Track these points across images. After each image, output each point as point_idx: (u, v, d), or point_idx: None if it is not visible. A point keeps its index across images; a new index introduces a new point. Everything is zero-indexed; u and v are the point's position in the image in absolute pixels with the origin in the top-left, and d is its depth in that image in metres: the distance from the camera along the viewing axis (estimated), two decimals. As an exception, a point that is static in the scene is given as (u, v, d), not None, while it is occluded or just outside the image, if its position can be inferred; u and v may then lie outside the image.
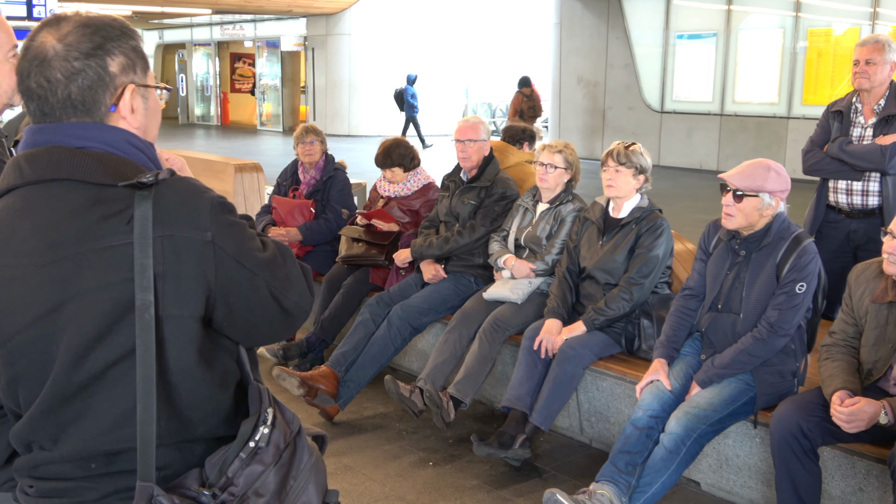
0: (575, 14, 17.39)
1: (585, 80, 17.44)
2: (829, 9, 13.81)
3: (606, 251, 4.02)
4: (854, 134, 4.35)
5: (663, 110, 16.17)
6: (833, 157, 4.34)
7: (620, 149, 3.97)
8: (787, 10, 14.23)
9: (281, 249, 1.55)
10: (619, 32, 16.62)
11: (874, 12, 13.12)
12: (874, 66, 4.22)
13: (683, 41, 15.77)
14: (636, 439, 3.34)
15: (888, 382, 3.05)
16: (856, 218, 4.38)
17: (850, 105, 4.39)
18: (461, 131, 4.73)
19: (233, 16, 27.23)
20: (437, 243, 4.70)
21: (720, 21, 15.15)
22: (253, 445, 1.46)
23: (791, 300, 3.27)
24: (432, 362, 4.33)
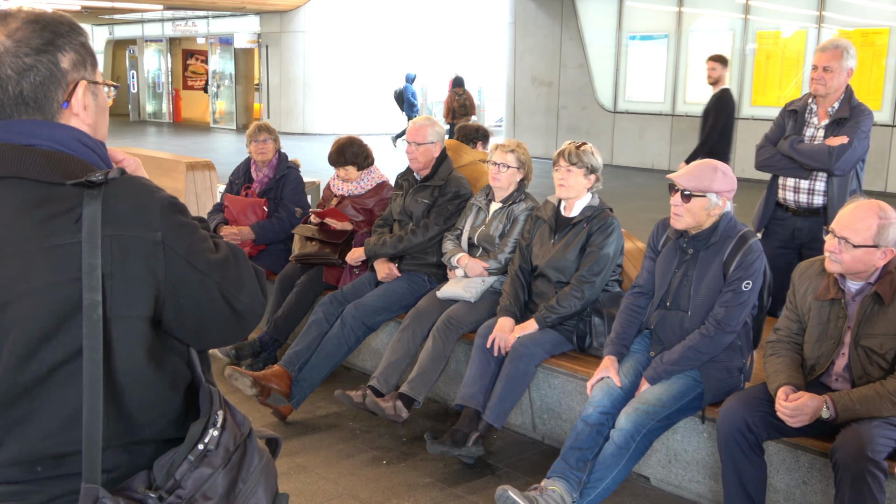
0: (529, 14, 17.49)
1: (539, 79, 17.55)
2: (777, 12, 14.07)
3: (558, 250, 4.06)
4: (807, 134, 4.46)
5: (616, 110, 16.35)
6: (784, 154, 4.44)
7: (572, 149, 4.01)
8: (737, 12, 14.47)
9: (234, 251, 1.54)
10: (573, 33, 16.76)
11: (820, 16, 13.41)
12: (831, 73, 4.33)
13: (636, 42, 15.95)
14: (587, 435, 3.39)
15: (830, 378, 3.13)
16: (801, 216, 4.49)
17: (806, 105, 4.51)
18: (409, 133, 4.75)
19: (185, 12, 26.87)
20: (390, 242, 4.70)
21: (671, 22, 15.36)
22: (202, 448, 1.45)
23: (737, 298, 3.34)
24: (385, 361, 4.33)
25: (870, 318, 2.96)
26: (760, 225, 4.58)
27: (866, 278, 3.00)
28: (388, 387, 4.28)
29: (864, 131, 4.31)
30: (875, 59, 12.93)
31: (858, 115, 4.34)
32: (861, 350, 2.98)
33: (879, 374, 2.96)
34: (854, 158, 4.30)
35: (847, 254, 2.93)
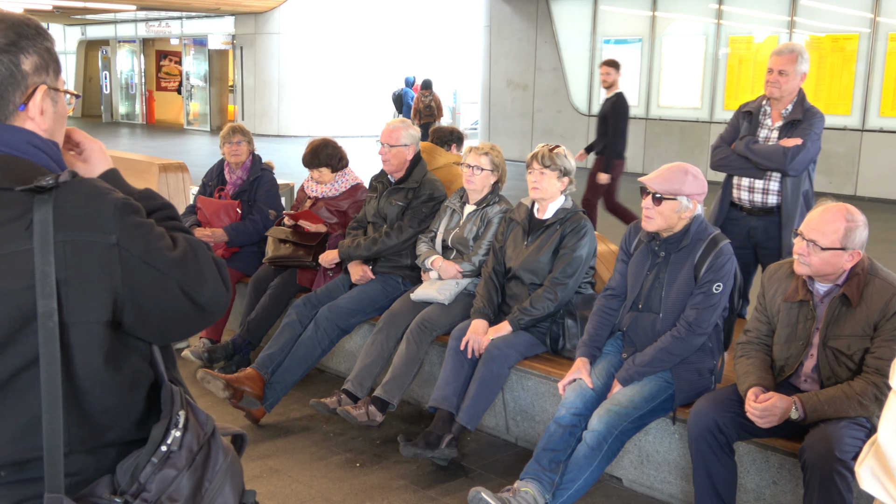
0: (504, 18, 17.54)
1: (515, 83, 17.60)
2: (750, 17, 14.21)
3: (531, 252, 4.08)
4: (761, 135, 4.53)
5: (590, 114, 16.42)
6: (739, 155, 4.51)
7: (545, 151, 4.03)
8: (710, 17, 14.60)
9: (192, 245, 1.52)
10: (548, 36, 16.83)
11: (791, 21, 13.56)
12: (786, 77, 4.40)
13: (610, 46, 16.04)
14: (559, 437, 3.40)
15: (799, 379, 3.16)
16: (756, 215, 4.56)
17: (760, 107, 4.57)
18: (382, 134, 4.75)
19: (159, 12, 26.69)
20: (364, 244, 4.70)
21: (645, 27, 15.47)
22: (165, 449, 1.44)
23: (708, 300, 3.37)
24: (360, 364, 4.33)
25: (838, 319, 3.00)
26: (716, 224, 4.63)
27: (834, 280, 3.04)
28: (362, 390, 4.27)
29: (816, 133, 4.40)
30: (845, 64, 13.10)
31: (811, 118, 4.43)
32: (829, 351, 3.02)
33: (847, 375, 3.00)
34: (807, 159, 4.38)
35: (815, 256, 2.96)
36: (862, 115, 12.97)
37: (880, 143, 12.80)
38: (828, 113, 13.36)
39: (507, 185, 4.60)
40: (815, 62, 13.41)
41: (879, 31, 12.71)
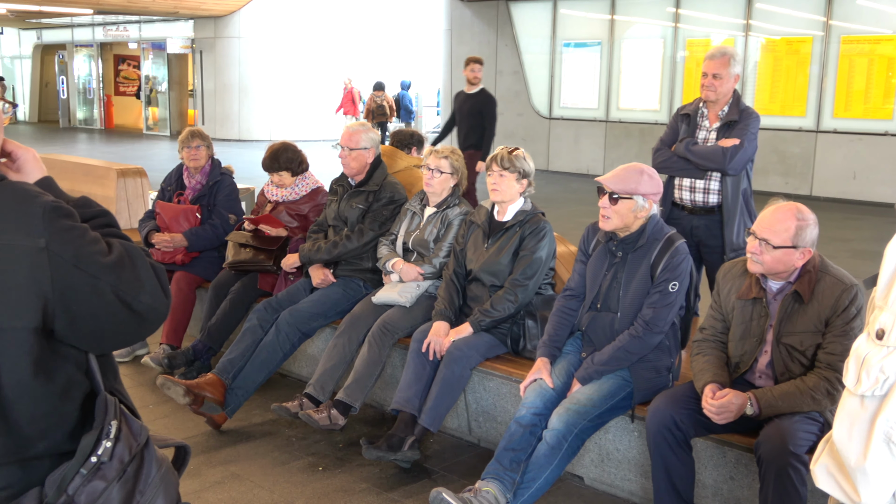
0: (465, 21, 17.60)
1: (476, 86, 17.64)
2: (706, 20, 14.41)
3: (492, 254, 4.10)
4: (700, 136, 4.62)
5: (551, 116, 16.54)
6: (680, 156, 4.59)
7: (504, 154, 4.06)
8: (667, 20, 14.78)
9: (129, 251, 1.49)
10: (508, 40, 16.91)
11: (747, 24, 13.77)
12: (720, 80, 4.50)
13: (570, 49, 16.17)
14: (520, 436, 3.42)
15: (754, 375, 3.22)
16: (697, 215, 4.64)
17: (698, 109, 4.67)
18: (342, 138, 4.75)
19: (116, 16, 26.37)
20: (325, 248, 4.69)
21: (604, 30, 15.61)
22: (95, 461, 1.40)
23: (665, 298, 3.42)
24: (321, 367, 4.32)
25: (790, 316, 3.06)
26: None
27: (786, 278, 3.10)
28: (324, 394, 4.27)
29: (752, 133, 4.50)
30: (799, 66, 13.33)
31: (747, 118, 4.52)
32: (783, 347, 3.08)
33: (800, 371, 3.06)
34: (745, 158, 4.47)
35: (768, 254, 3.02)
36: (816, 117, 13.21)
37: (834, 144, 13.05)
38: (783, 115, 13.68)
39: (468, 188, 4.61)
40: (770, 65, 13.65)
41: (832, 35, 12.96)
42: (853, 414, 1.53)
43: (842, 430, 1.56)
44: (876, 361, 1.47)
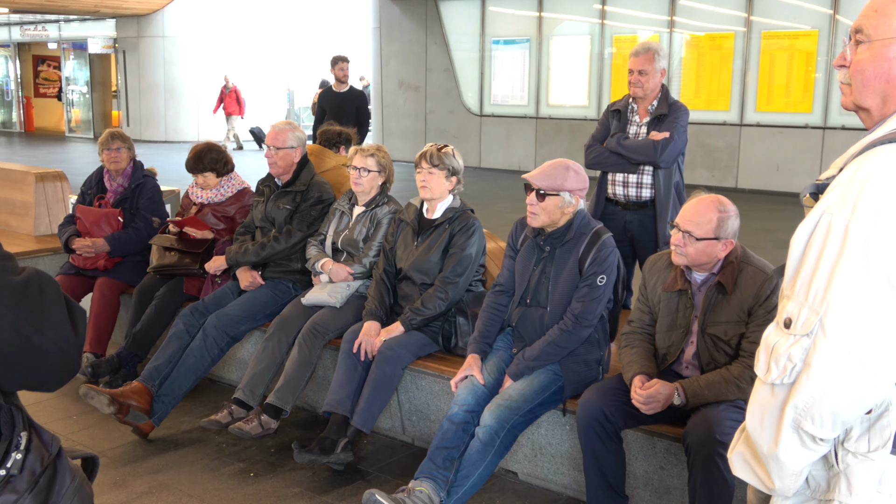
0: (394, 19, 17.55)
1: (406, 84, 17.63)
2: (632, 17, 14.63)
3: (421, 251, 4.08)
4: (630, 131, 4.68)
5: (482, 114, 16.60)
6: (612, 152, 4.65)
7: (433, 150, 4.04)
8: (594, 17, 14.96)
9: (40, 280, 1.40)
10: (438, 38, 16.92)
11: (671, 20, 14.03)
12: (646, 76, 4.57)
13: (499, 46, 16.24)
14: (453, 434, 3.41)
15: (681, 365, 3.26)
16: (631, 209, 4.70)
17: (628, 105, 4.73)
18: (268, 137, 4.67)
19: (34, 15, 25.57)
20: (252, 250, 4.61)
21: (532, 27, 15.73)
22: (4, 473, 1.36)
23: (593, 292, 3.44)
24: (251, 371, 4.24)
25: (714, 306, 3.11)
26: None
27: (710, 269, 3.14)
28: (254, 398, 4.19)
29: (682, 125, 4.58)
30: (723, 61, 13.63)
31: (676, 112, 4.60)
32: (708, 338, 3.13)
33: (725, 360, 3.11)
34: (676, 151, 4.55)
35: (691, 247, 3.07)
36: (740, 111, 13.52)
37: (758, 137, 13.37)
38: (708, 109, 13.96)
39: (401, 186, 4.59)
40: (694, 60, 13.92)
41: (753, 30, 13.28)
42: (764, 402, 1.55)
43: (754, 418, 1.58)
44: (784, 350, 1.49)
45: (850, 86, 1.67)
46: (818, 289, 1.47)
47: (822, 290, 1.46)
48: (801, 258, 1.53)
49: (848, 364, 1.44)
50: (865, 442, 1.51)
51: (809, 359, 1.47)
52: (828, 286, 1.45)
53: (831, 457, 1.55)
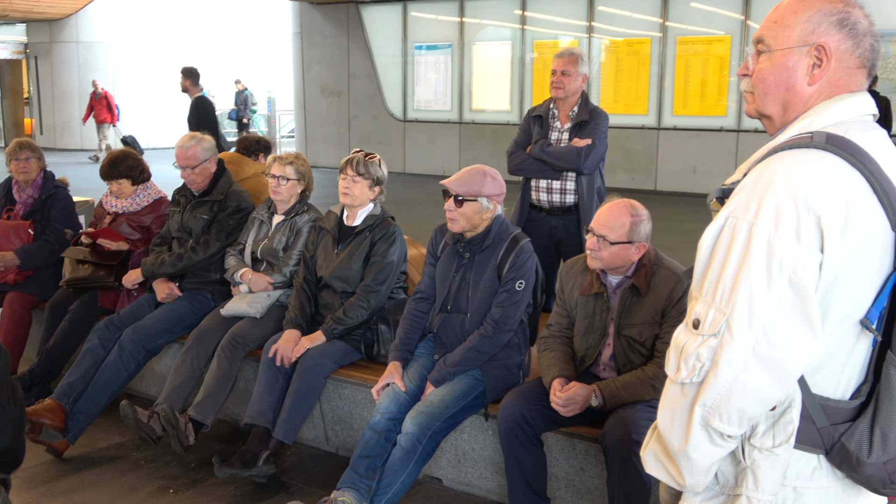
0: (315, 24, 17.42)
1: (329, 89, 17.52)
2: (552, 22, 14.82)
3: (342, 260, 4.06)
4: (552, 137, 4.74)
5: (406, 119, 16.60)
6: (535, 158, 4.70)
7: (360, 158, 4.02)
8: (515, 23, 15.11)
9: None
10: (360, 43, 16.86)
11: (590, 26, 14.26)
12: (568, 77, 4.63)
13: (422, 52, 16.28)
14: (375, 443, 3.40)
15: (599, 368, 3.31)
16: (555, 215, 4.77)
17: (549, 110, 4.79)
18: (178, 158, 4.55)
19: (-61, 20, 24.62)
20: (169, 261, 4.52)
21: (454, 33, 15.80)
22: None
23: (512, 297, 3.48)
24: (169, 385, 4.16)
25: (629, 309, 3.17)
26: (518, 226, 4.81)
27: (624, 272, 3.21)
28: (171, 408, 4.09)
29: (603, 132, 4.67)
30: (640, 66, 13.92)
31: (597, 118, 4.69)
32: (623, 340, 3.19)
33: (641, 361, 3.18)
34: (598, 157, 4.64)
35: (605, 251, 3.12)
36: (657, 115, 13.82)
37: (675, 141, 13.69)
38: (626, 113, 14.22)
39: (324, 193, 4.55)
40: (612, 65, 14.18)
41: (669, 36, 13.60)
42: (674, 401, 1.59)
43: (665, 417, 1.62)
44: (692, 350, 1.53)
45: (753, 94, 1.73)
46: (724, 290, 1.51)
47: (728, 292, 1.50)
48: (708, 261, 1.57)
49: (753, 363, 1.48)
50: (770, 438, 1.56)
51: (717, 358, 1.51)
52: (733, 287, 1.50)
53: (739, 453, 1.60)
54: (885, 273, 1.53)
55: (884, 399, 1.51)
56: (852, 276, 1.50)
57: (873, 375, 1.55)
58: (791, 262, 1.46)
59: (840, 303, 1.51)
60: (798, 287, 1.46)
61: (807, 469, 1.59)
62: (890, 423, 1.50)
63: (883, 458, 1.52)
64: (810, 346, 1.47)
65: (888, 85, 11.74)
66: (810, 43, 1.62)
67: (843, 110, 1.61)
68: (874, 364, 1.56)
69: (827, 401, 1.56)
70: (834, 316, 1.52)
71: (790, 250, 1.46)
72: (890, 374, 1.50)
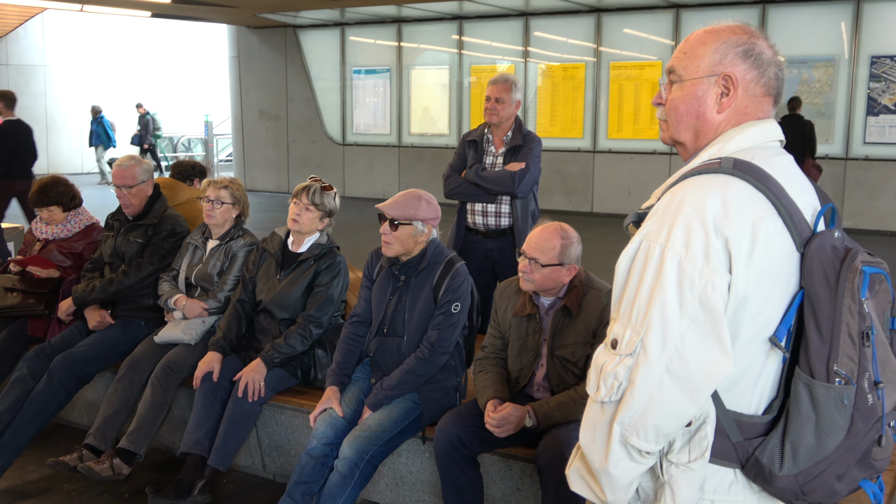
0: (252, 48, 17.35)
1: (267, 113, 17.44)
2: (490, 47, 15.01)
3: (283, 286, 4.04)
4: (487, 161, 4.82)
5: (345, 143, 16.61)
6: (470, 182, 4.76)
7: (317, 188, 4.02)
8: (452, 47, 15.27)
9: None
10: (298, 67, 16.84)
11: (526, 51, 14.48)
12: (503, 104, 4.72)
13: (360, 76, 16.32)
14: (311, 468, 3.39)
15: (533, 388, 3.36)
16: (491, 238, 4.84)
17: (483, 135, 4.87)
18: (116, 177, 4.52)
19: None
20: (100, 286, 4.45)
21: (392, 57, 15.90)
22: None
23: (448, 320, 3.51)
24: (102, 415, 4.08)
25: (561, 329, 3.23)
26: (454, 249, 4.86)
27: (556, 294, 3.27)
28: (105, 443, 4.03)
29: (536, 156, 4.77)
30: (575, 91, 14.17)
31: (531, 143, 4.78)
32: (557, 360, 3.24)
33: (574, 381, 3.23)
34: (532, 181, 4.73)
35: (537, 273, 3.18)
36: (593, 138, 14.07)
37: (610, 163, 13.95)
38: (562, 137, 14.43)
39: (264, 217, 4.53)
40: (549, 89, 14.41)
41: (603, 61, 13.88)
42: (594, 419, 1.63)
43: (586, 435, 1.66)
44: (611, 369, 1.58)
45: (668, 122, 1.80)
46: (640, 311, 1.56)
47: (643, 312, 1.56)
48: (624, 282, 1.63)
49: (667, 381, 1.53)
50: (686, 453, 1.61)
51: (633, 377, 1.56)
52: (648, 308, 1.55)
53: (657, 468, 1.65)
54: (792, 292, 1.59)
55: (793, 414, 1.57)
56: (760, 295, 1.57)
57: (784, 391, 1.62)
58: (701, 283, 1.52)
59: (750, 321, 1.58)
60: (708, 307, 1.52)
61: (724, 483, 1.65)
62: (799, 436, 1.56)
63: (794, 471, 1.58)
64: (721, 363, 1.53)
65: (812, 109, 12.17)
66: (718, 73, 1.70)
67: (751, 137, 1.69)
68: (784, 380, 1.62)
69: (741, 416, 1.62)
70: (745, 334, 1.58)
71: (700, 271, 1.52)
72: (798, 389, 1.56)
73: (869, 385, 1.56)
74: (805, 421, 1.55)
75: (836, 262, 1.57)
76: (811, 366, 1.55)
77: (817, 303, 1.56)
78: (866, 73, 11.99)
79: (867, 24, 11.95)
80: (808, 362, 1.55)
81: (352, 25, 16.19)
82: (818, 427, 1.55)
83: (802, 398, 1.55)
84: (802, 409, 1.55)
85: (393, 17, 15.40)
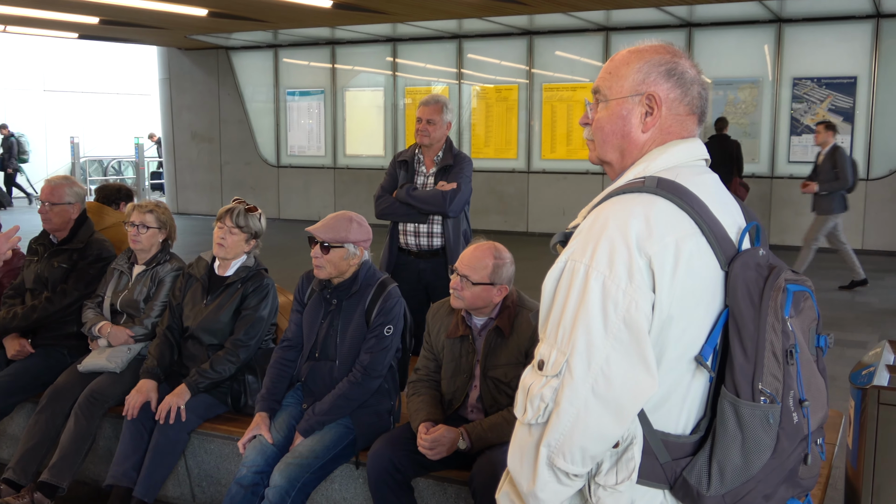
0: (184, 70, 17.12)
1: (200, 135, 17.19)
2: (423, 69, 15.07)
3: (210, 311, 3.95)
4: (418, 181, 4.82)
5: (280, 164, 16.45)
6: (402, 202, 4.75)
7: (241, 210, 3.94)
8: (386, 69, 15.28)
9: None
10: (231, 89, 16.66)
11: (459, 73, 14.57)
12: (434, 126, 4.73)
13: (294, 98, 16.22)
14: (241, 498, 3.31)
15: (467, 410, 3.34)
16: (424, 258, 4.83)
17: (414, 156, 4.87)
18: (43, 192, 4.41)
19: None
20: (22, 314, 4.29)
21: (326, 78, 15.84)
22: None
23: (381, 343, 3.47)
24: (22, 448, 3.94)
25: (494, 350, 3.21)
26: (387, 270, 4.84)
27: (488, 314, 3.26)
28: (26, 477, 3.89)
29: (467, 176, 4.78)
30: (509, 112, 14.30)
31: (461, 163, 4.80)
32: (490, 381, 3.22)
33: (507, 402, 3.21)
34: (463, 200, 4.74)
35: (468, 290, 3.17)
36: (527, 159, 14.20)
37: (544, 184, 14.08)
38: (497, 157, 14.52)
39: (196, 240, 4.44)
40: (483, 111, 14.51)
41: (535, 83, 14.04)
42: (522, 442, 1.61)
43: (514, 458, 1.64)
44: (537, 390, 1.56)
45: (594, 142, 1.80)
46: (565, 331, 1.55)
47: (568, 332, 1.54)
48: (550, 302, 1.61)
49: (592, 402, 1.52)
50: (613, 475, 1.59)
51: (559, 398, 1.54)
52: (573, 328, 1.54)
53: (585, 491, 1.63)
54: (717, 311, 1.60)
55: (720, 433, 1.56)
56: (685, 314, 1.56)
57: (710, 410, 1.61)
58: (625, 303, 1.52)
59: (675, 341, 1.57)
60: (632, 326, 1.51)
61: (653, 504, 1.64)
62: (726, 456, 1.55)
63: (721, 491, 1.57)
64: (646, 383, 1.52)
65: (738, 129, 12.47)
66: (641, 92, 1.71)
67: (675, 156, 1.70)
68: (711, 399, 1.62)
69: (668, 436, 1.60)
70: (670, 353, 1.58)
71: (624, 291, 1.52)
72: (724, 408, 1.56)
73: (794, 403, 1.57)
74: (731, 440, 1.55)
75: (759, 281, 1.58)
76: (736, 385, 1.55)
77: (741, 321, 1.56)
78: (789, 94, 12.36)
79: (789, 46, 12.33)
80: (734, 381, 1.55)
81: (285, 47, 16.09)
82: (744, 446, 1.54)
83: (728, 417, 1.55)
84: (728, 428, 1.55)
85: (326, 39, 15.36)
